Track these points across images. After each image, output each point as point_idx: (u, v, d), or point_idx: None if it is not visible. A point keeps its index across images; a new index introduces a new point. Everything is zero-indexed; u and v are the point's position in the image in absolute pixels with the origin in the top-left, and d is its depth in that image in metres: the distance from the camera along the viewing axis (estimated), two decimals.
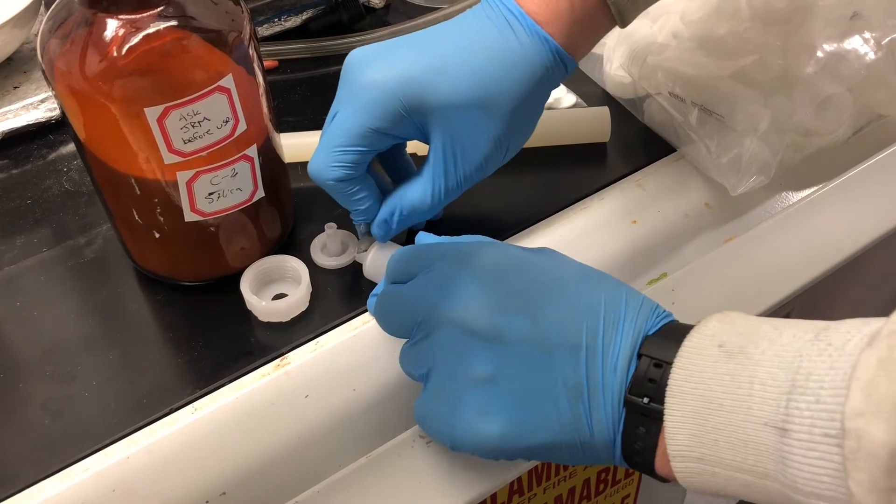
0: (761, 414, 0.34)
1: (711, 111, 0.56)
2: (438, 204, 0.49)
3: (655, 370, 0.38)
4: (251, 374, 0.48)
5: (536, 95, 0.48)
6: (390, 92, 0.45)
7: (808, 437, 0.32)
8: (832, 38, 0.57)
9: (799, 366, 0.33)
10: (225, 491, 0.45)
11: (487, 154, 0.48)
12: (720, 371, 0.36)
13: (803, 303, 0.64)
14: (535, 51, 0.46)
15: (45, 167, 0.62)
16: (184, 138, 0.44)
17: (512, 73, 0.46)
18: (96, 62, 0.42)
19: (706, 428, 0.35)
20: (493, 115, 0.46)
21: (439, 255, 0.44)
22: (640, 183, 0.58)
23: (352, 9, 0.71)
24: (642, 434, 0.38)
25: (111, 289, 0.53)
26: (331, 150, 0.47)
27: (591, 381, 0.39)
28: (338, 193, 0.49)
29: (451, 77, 0.45)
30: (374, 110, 0.46)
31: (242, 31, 0.45)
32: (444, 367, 0.42)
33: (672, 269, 0.56)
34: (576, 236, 0.55)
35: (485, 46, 0.46)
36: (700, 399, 0.36)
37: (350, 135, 0.46)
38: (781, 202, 0.59)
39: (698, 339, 0.38)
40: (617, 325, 0.39)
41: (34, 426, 0.46)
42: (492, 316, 0.40)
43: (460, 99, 0.45)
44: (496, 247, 0.44)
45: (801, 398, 0.33)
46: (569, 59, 0.47)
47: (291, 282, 0.52)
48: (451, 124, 0.46)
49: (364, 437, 0.48)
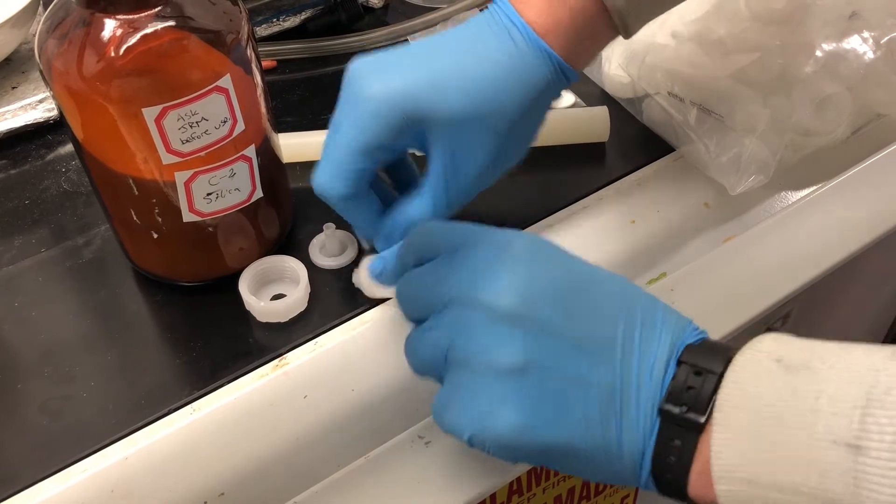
0: (828, 432, 0.31)
1: (710, 111, 0.56)
2: (441, 216, 0.48)
3: (696, 378, 0.35)
4: (250, 375, 0.48)
5: (537, 107, 0.47)
6: (391, 107, 0.44)
7: (890, 457, 0.29)
8: (831, 38, 0.57)
9: (875, 380, 0.31)
10: (224, 491, 0.45)
11: (487, 167, 0.47)
12: (778, 385, 0.33)
13: (803, 303, 0.64)
14: (536, 63, 0.46)
15: (43, 167, 0.62)
16: (182, 138, 0.44)
17: (512, 87, 0.45)
18: (94, 62, 0.42)
19: (760, 446, 0.33)
20: (493, 130, 0.46)
21: (471, 238, 0.42)
22: (639, 183, 0.58)
23: (350, 9, 0.71)
24: (677, 447, 0.35)
25: (109, 289, 0.53)
26: (335, 167, 0.46)
27: (624, 382, 0.36)
28: (342, 210, 0.48)
29: (451, 93, 0.45)
30: (375, 126, 0.45)
31: (240, 32, 0.45)
32: (466, 352, 0.39)
33: (671, 268, 0.56)
34: (575, 236, 0.55)
35: (485, 59, 0.45)
36: (754, 414, 0.33)
37: (352, 151, 0.45)
38: (781, 202, 0.59)
39: (752, 354, 0.35)
40: (654, 325, 0.37)
41: (32, 427, 0.46)
42: (525, 303, 0.38)
43: (459, 115, 0.45)
44: (532, 236, 0.42)
45: (880, 412, 0.30)
46: (569, 69, 0.47)
47: (290, 282, 0.52)
48: (450, 140, 0.46)
49: (363, 437, 0.48)
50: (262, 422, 0.46)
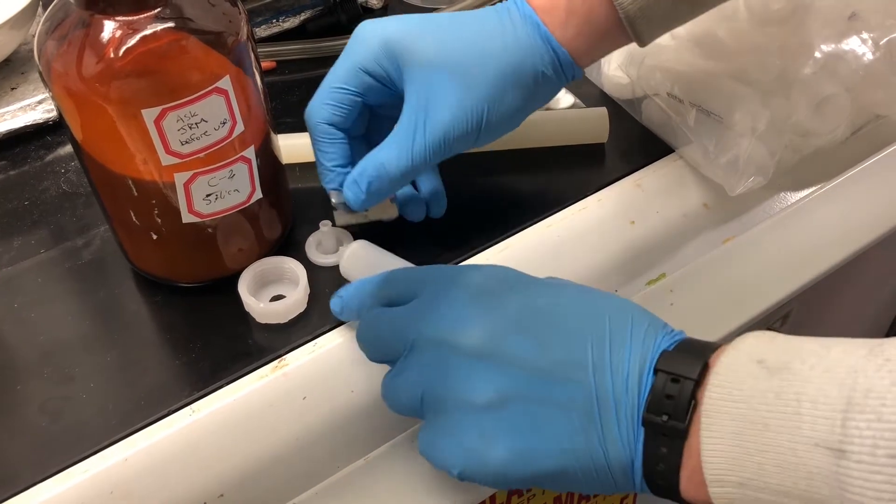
0: (812, 434, 0.31)
1: (709, 112, 0.56)
2: (407, 165, 0.47)
3: (673, 386, 0.35)
4: (249, 376, 0.48)
5: (524, 88, 0.47)
6: (379, 39, 0.48)
7: (871, 460, 0.29)
8: (830, 39, 0.57)
9: (855, 382, 0.31)
10: (223, 493, 0.45)
11: (456, 121, 0.47)
12: (762, 388, 0.33)
13: (802, 303, 0.64)
14: (530, 42, 0.46)
15: (42, 168, 0.62)
16: (181, 140, 0.44)
17: (496, 51, 0.47)
18: (93, 64, 0.42)
19: (748, 450, 0.33)
20: (467, 85, 0.46)
21: (432, 278, 0.43)
22: (638, 183, 0.58)
23: (350, 10, 0.71)
24: (664, 455, 0.36)
25: (109, 290, 0.53)
26: (321, 91, 0.50)
27: (601, 401, 0.37)
28: (317, 137, 0.50)
29: (435, 38, 0.47)
30: (362, 52, 0.48)
31: (240, 33, 0.45)
32: (441, 393, 0.40)
33: (671, 269, 0.56)
34: (574, 237, 0.55)
35: (478, 25, 0.48)
36: (740, 419, 0.33)
37: (338, 74, 0.49)
38: (780, 202, 0.59)
39: (734, 355, 0.35)
40: (624, 341, 0.38)
41: (32, 428, 0.46)
42: (493, 338, 0.39)
43: (435, 58, 0.46)
44: (491, 267, 0.43)
45: (860, 416, 0.30)
46: (569, 63, 0.47)
47: (289, 283, 0.52)
48: (423, 82, 0.47)
49: (362, 438, 0.48)
50: (262, 423, 0.46)
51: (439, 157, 0.48)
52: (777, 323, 0.68)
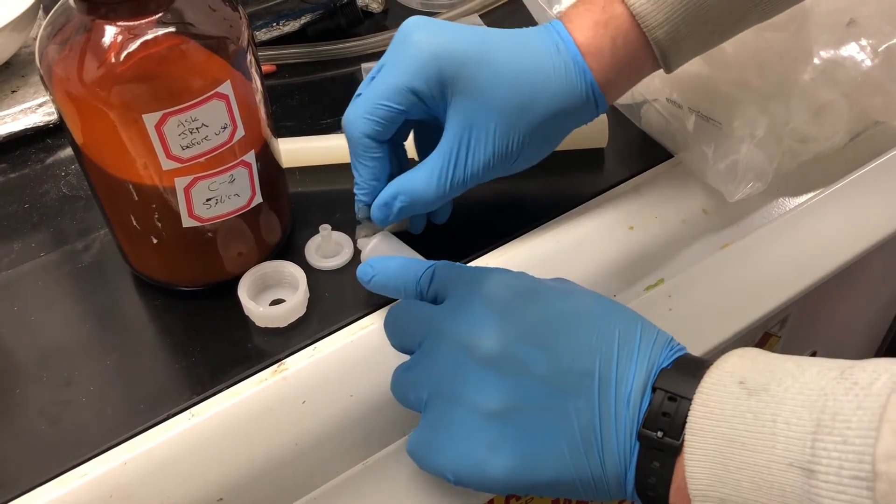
0: (786, 454, 0.33)
1: (708, 117, 0.56)
2: (441, 195, 0.48)
3: (670, 404, 0.37)
4: (249, 380, 0.48)
5: (560, 122, 0.48)
6: (432, 56, 0.46)
7: (837, 480, 0.31)
8: (829, 45, 0.58)
9: (824, 405, 0.33)
10: (222, 497, 0.45)
11: (497, 157, 0.47)
12: (741, 409, 0.35)
13: (801, 307, 0.64)
14: (574, 76, 0.47)
15: (42, 171, 0.62)
16: (182, 144, 0.44)
17: (547, 89, 0.46)
18: (94, 68, 0.42)
19: (728, 468, 0.34)
20: (516, 123, 0.47)
21: (463, 280, 0.43)
22: (637, 189, 0.59)
23: (350, 14, 0.71)
24: (656, 469, 0.37)
25: (109, 294, 0.53)
26: (366, 102, 0.47)
27: (603, 413, 0.38)
28: (357, 150, 0.49)
29: (491, 71, 0.46)
30: (413, 69, 0.46)
31: (241, 37, 0.45)
32: (449, 393, 0.40)
33: (669, 274, 0.56)
34: (573, 242, 0.55)
35: (531, 55, 0.47)
36: (721, 437, 0.35)
37: (387, 86, 0.47)
38: (778, 208, 0.60)
39: (718, 376, 0.37)
40: (631, 356, 0.39)
41: (31, 431, 0.46)
42: (506, 344, 0.40)
43: (488, 95, 0.46)
44: (511, 274, 0.43)
45: (827, 438, 0.32)
46: (600, 96, 0.48)
47: (289, 287, 0.52)
48: (473, 114, 0.46)
49: (361, 443, 0.48)
50: (261, 427, 0.46)
51: (470, 185, 0.49)
52: (775, 327, 0.68)
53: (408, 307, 0.45)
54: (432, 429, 0.41)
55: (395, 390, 0.44)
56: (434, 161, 0.48)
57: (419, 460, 0.42)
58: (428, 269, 0.45)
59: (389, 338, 0.46)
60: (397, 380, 0.44)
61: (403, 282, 0.46)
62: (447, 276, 0.45)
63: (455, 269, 0.45)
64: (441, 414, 0.41)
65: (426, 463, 0.42)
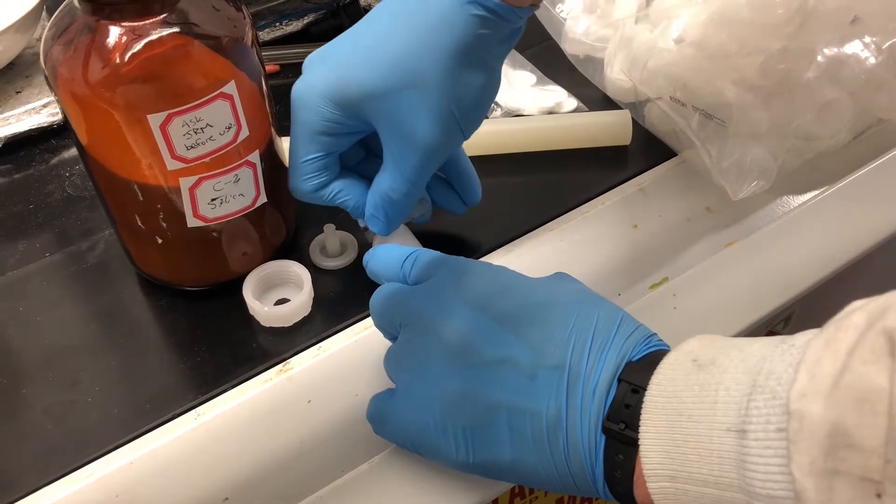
0: (725, 419, 0.32)
1: (712, 116, 0.56)
2: (413, 185, 0.48)
3: (632, 396, 0.36)
4: (254, 380, 0.48)
5: (473, 56, 0.44)
6: (316, 98, 0.47)
7: (764, 436, 0.31)
8: (832, 43, 0.57)
9: (761, 367, 0.32)
10: (228, 496, 0.45)
11: (431, 128, 0.45)
12: (690, 382, 0.35)
13: (804, 305, 0.64)
14: (454, 10, 0.43)
15: (47, 172, 0.62)
16: (186, 144, 0.44)
17: (432, 44, 0.44)
18: (99, 69, 0.42)
19: (677, 441, 0.34)
20: (425, 91, 0.45)
21: (445, 267, 0.44)
22: (641, 187, 0.59)
23: (353, 13, 0.71)
24: (621, 462, 0.36)
25: (113, 294, 0.53)
26: (294, 168, 0.49)
27: (570, 405, 0.38)
28: (322, 201, 0.50)
29: (370, 67, 0.45)
30: (308, 118, 0.47)
31: (245, 37, 0.45)
32: (417, 374, 0.41)
33: (673, 273, 0.56)
34: (577, 241, 0.55)
35: (404, 24, 0.45)
36: (672, 412, 0.34)
37: (302, 144, 0.48)
38: (782, 206, 0.59)
39: (675, 357, 0.36)
40: (603, 348, 0.38)
41: (37, 431, 0.46)
42: (475, 332, 0.40)
43: (381, 86, 0.45)
44: (490, 265, 0.44)
45: (759, 397, 0.31)
46: (501, 6, 0.43)
47: (294, 287, 0.52)
48: (384, 111, 0.46)
49: (367, 442, 0.48)
50: (266, 426, 0.46)
51: (434, 166, 0.48)
52: (779, 325, 0.68)
53: (386, 288, 0.45)
54: (398, 400, 0.43)
55: (385, 367, 0.45)
56: (386, 162, 0.48)
57: (377, 424, 0.44)
58: (411, 255, 0.45)
59: (373, 319, 0.46)
60: (387, 357, 0.45)
61: (391, 268, 0.46)
62: (427, 260, 0.45)
63: (436, 255, 0.45)
64: (408, 390, 0.42)
65: (382, 429, 0.44)
